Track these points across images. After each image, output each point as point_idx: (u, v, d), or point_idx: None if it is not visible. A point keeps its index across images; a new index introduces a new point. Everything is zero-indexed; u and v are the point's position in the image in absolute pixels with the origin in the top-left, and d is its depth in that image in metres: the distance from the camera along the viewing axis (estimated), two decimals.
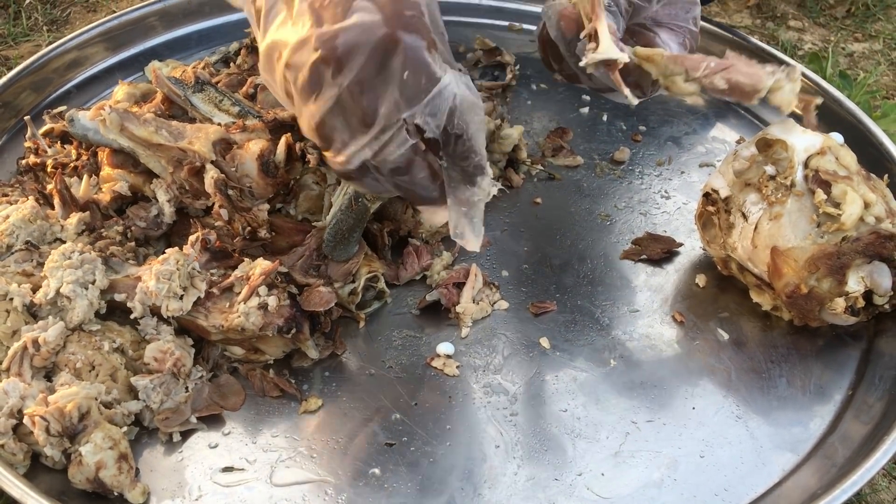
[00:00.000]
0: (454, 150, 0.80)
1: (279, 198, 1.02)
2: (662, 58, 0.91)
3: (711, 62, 0.89)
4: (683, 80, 0.90)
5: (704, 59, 0.89)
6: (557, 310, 1.02)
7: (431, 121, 0.76)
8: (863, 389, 0.94)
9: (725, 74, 0.88)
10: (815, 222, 0.92)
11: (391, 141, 0.77)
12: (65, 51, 1.27)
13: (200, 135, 1.00)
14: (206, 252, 0.96)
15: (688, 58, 0.91)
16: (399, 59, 0.75)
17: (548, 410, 0.92)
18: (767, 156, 0.96)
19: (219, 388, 0.92)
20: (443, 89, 0.76)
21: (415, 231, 1.07)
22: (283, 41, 0.79)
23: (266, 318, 0.90)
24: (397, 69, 0.75)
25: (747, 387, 0.94)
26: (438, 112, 0.76)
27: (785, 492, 0.85)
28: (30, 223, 0.97)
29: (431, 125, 0.77)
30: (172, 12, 1.35)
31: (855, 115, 1.15)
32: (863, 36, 1.67)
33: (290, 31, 0.79)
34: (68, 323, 0.90)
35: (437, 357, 0.96)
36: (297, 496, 0.85)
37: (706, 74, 0.89)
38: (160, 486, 0.85)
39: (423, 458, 0.88)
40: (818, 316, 0.94)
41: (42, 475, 0.85)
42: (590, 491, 0.85)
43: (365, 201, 0.97)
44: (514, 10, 1.42)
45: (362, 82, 0.76)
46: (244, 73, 1.19)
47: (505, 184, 1.17)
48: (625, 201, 1.15)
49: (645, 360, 0.97)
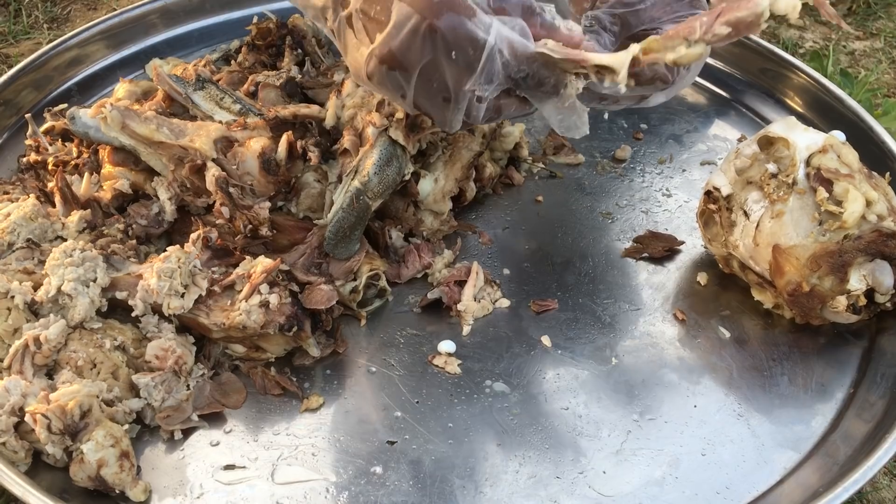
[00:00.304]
0: (528, 86, 0.86)
1: (280, 196, 1.02)
2: (657, 43, 0.90)
3: (703, 17, 0.88)
4: (687, 47, 0.89)
5: (696, 19, 0.88)
6: (559, 308, 1.02)
7: (489, 86, 0.83)
8: (864, 387, 0.94)
9: (722, 19, 0.87)
10: (816, 220, 0.92)
11: (471, 108, 0.85)
12: (65, 48, 1.27)
13: (202, 133, 1.00)
14: (207, 250, 0.96)
15: (679, 28, 0.89)
16: (441, 43, 0.81)
17: (549, 408, 0.92)
18: (769, 154, 0.96)
19: (220, 386, 0.93)
20: (490, 52, 0.81)
21: (416, 229, 1.07)
22: (357, 63, 0.87)
23: (267, 316, 0.90)
24: (445, 51, 0.81)
25: (749, 385, 0.94)
26: (493, 75, 0.82)
27: (786, 490, 0.85)
28: (31, 221, 0.97)
29: (492, 88, 0.84)
30: (173, 10, 1.35)
31: (856, 113, 1.15)
32: (864, 34, 1.67)
33: (358, 51, 0.86)
34: (69, 321, 0.90)
35: (438, 355, 0.96)
36: (299, 494, 0.85)
37: (705, 31, 0.88)
38: (162, 483, 0.85)
39: (425, 456, 0.88)
40: (820, 314, 0.94)
41: (43, 473, 0.85)
42: (591, 489, 0.85)
43: (366, 199, 0.97)
44: None
45: (427, 72, 0.83)
46: (245, 71, 1.19)
47: (506, 182, 1.17)
48: (626, 199, 1.15)
49: (646, 358, 0.97)
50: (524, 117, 0.89)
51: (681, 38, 0.87)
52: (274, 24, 1.22)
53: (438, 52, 0.81)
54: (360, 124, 1.02)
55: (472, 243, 1.09)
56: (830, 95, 1.18)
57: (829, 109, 1.18)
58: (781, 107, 1.24)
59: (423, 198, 1.06)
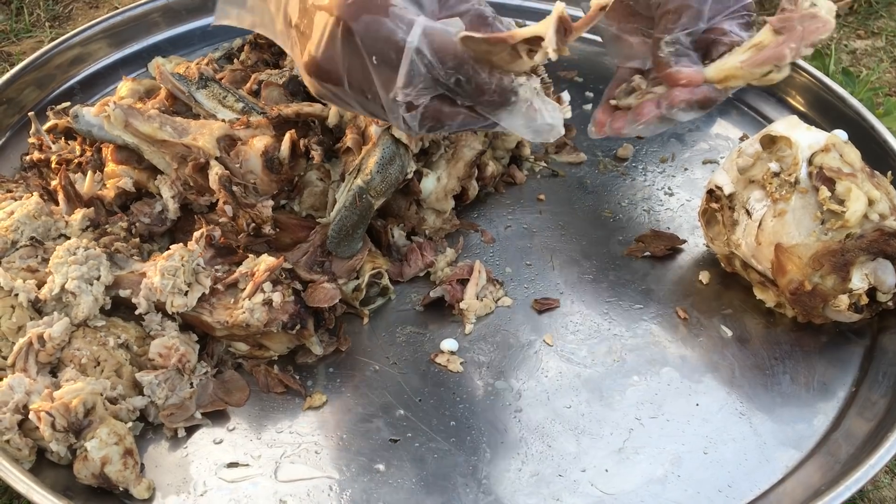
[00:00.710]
0: (468, 93, 0.74)
1: (283, 194, 1.02)
2: (742, 70, 0.92)
3: (791, 43, 0.90)
4: (777, 73, 0.92)
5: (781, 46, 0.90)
6: (561, 306, 1.02)
7: (413, 91, 0.73)
8: (866, 386, 0.94)
9: (807, 41, 0.89)
10: (819, 219, 0.92)
11: (406, 116, 0.76)
12: (68, 47, 1.27)
13: (205, 131, 1.00)
14: (210, 248, 0.96)
15: (768, 54, 0.91)
16: (362, 46, 0.73)
17: (551, 406, 0.92)
18: (772, 152, 0.96)
19: (223, 384, 0.93)
20: (411, 54, 0.72)
21: (418, 228, 1.07)
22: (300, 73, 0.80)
23: (270, 315, 0.90)
24: (367, 56, 0.74)
25: (751, 383, 0.94)
26: (415, 79, 0.73)
27: (788, 488, 0.85)
28: (34, 219, 0.97)
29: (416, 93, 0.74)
30: (175, 8, 1.35)
31: (858, 112, 1.15)
32: (865, 33, 1.67)
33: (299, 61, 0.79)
34: (73, 319, 0.90)
35: (441, 353, 0.97)
36: (302, 492, 0.85)
37: (794, 56, 0.90)
38: (165, 481, 0.85)
39: (428, 454, 0.88)
40: (822, 313, 0.94)
41: (47, 470, 0.85)
42: (594, 487, 0.86)
43: (369, 198, 0.98)
44: (515, 7, 1.42)
45: (356, 80, 0.76)
46: (247, 70, 1.19)
47: (508, 181, 1.17)
48: (628, 198, 1.15)
49: (648, 356, 0.97)
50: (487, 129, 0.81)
51: (770, 65, 0.90)
52: None
53: (361, 57, 0.74)
54: (362, 123, 1.02)
55: (474, 242, 1.09)
56: (832, 94, 1.19)
57: (830, 108, 1.19)
58: (783, 106, 1.24)
59: (426, 196, 1.06)
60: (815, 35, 0.89)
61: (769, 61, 0.90)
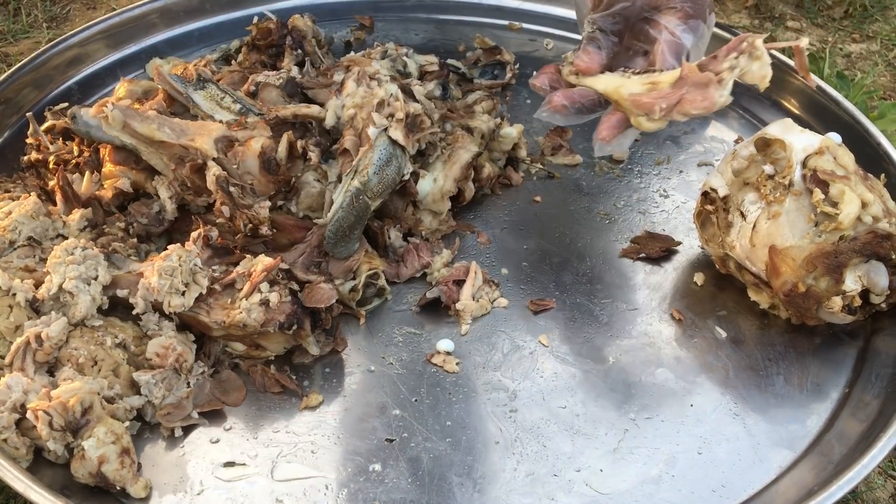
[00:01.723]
0: None
1: (280, 195, 1.03)
2: (626, 102, 0.93)
3: (662, 103, 0.90)
4: (647, 121, 0.92)
5: (656, 102, 0.91)
6: (557, 307, 1.02)
7: None
8: (859, 387, 0.94)
9: (680, 109, 0.90)
10: (812, 221, 0.92)
11: None
12: (66, 48, 1.27)
13: (202, 132, 1.00)
14: (207, 248, 0.96)
15: (643, 103, 0.91)
16: None
17: (547, 407, 0.92)
18: (766, 155, 0.97)
19: (220, 383, 0.93)
20: None
21: (415, 229, 1.08)
22: None
23: (267, 315, 0.91)
24: None
25: (745, 384, 0.95)
26: None
27: (782, 488, 0.86)
28: (32, 219, 0.97)
29: None
30: (173, 10, 1.35)
31: (852, 115, 1.16)
32: (860, 37, 1.68)
33: None
34: (71, 318, 0.90)
35: (437, 354, 0.97)
36: (298, 491, 0.85)
37: (663, 115, 0.91)
38: (162, 480, 0.86)
39: (424, 454, 0.88)
40: (815, 314, 0.95)
41: (45, 469, 0.85)
42: (588, 487, 0.86)
43: (366, 199, 0.98)
44: (513, 9, 1.42)
45: None
46: (245, 71, 1.19)
47: (504, 182, 1.17)
48: (624, 200, 1.16)
49: (643, 357, 0.97)
50: None
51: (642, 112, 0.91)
52: (274, 25, 1.23)
53: None
54: (359, 124, 1.02)
55: (470, 243, 1.10)
56: (827, 98, 1.19)
57: (825, 112, 1.19)
58: (778, 109, 1.24)
59: (422, 197, 1.07)
60: (689, 106, 0.89)
61: (642, 108, 0.91)
